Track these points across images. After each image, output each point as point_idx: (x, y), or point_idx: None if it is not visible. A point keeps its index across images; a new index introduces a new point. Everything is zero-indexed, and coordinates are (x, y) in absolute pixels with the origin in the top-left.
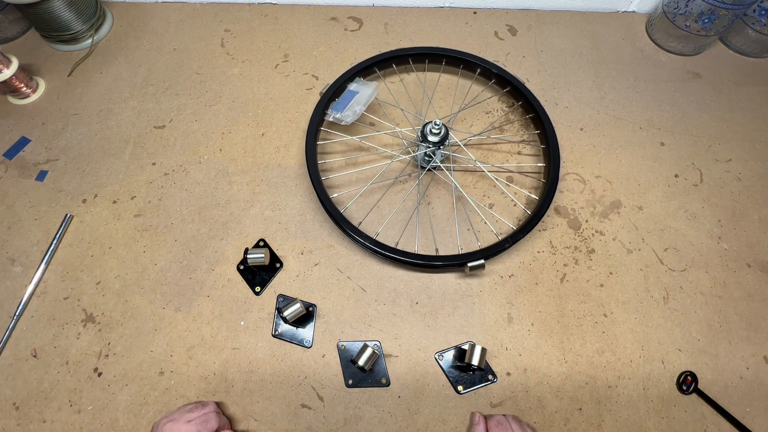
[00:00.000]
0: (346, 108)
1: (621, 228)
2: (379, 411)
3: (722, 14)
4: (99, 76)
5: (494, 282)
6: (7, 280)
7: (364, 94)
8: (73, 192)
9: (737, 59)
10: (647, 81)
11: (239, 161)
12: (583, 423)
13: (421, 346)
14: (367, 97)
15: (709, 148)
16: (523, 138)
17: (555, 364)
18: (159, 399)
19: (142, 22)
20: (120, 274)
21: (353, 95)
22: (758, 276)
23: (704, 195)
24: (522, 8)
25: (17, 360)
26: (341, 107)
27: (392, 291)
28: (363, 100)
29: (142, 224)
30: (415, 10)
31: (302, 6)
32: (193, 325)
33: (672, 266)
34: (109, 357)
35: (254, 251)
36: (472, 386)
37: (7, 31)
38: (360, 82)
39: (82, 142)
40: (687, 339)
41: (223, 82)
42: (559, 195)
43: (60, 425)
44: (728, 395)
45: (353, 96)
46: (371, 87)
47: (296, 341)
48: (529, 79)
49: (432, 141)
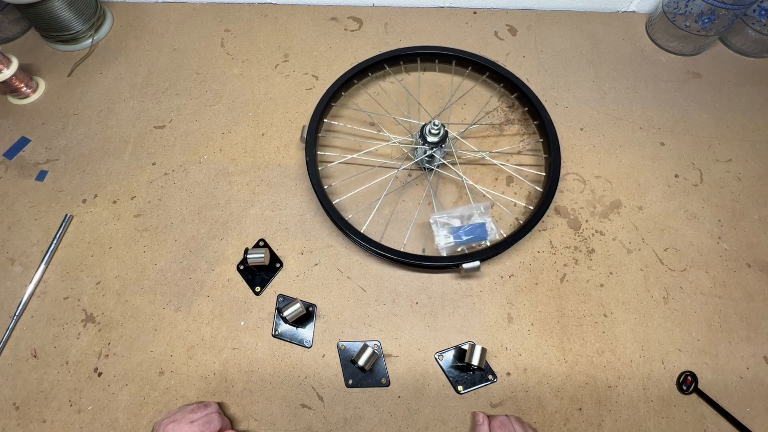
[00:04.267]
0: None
1: (621, 228)
2: (379, 411)
3: (722, 14)
4: (99, 76)
5: (494, 282)
6: (7, 280)
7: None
8: (73, 192)
9: (737, 59)
10: (647, 81)
11: (239, 161)
12: (583, 423)
13: (421, 346)
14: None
15: (709, 148)
16: (523, 139)
17: (555, 364)
18: (159, 399)
19: (142, 22)
20: (120, 274)
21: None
22: (758, 276)
23: (704, 195)
24: (522, 8)
25: (17, 360)
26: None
27: (392, 291)
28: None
29: (142, 224)
30: (415, 10)
31: (302, 6)
32: (193, 325)
33: (672, 266)
34: (109, 357)
35: (254, 251)
36: (472, 386)
37: (7, 31)
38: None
39: (82, 142)
40: (687, 339)
41: (223, 82)
42: (559, 195)
43: (60, 425)
44: (728, 395)
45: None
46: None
47: (296, 341)
48: (529, 79)
49: (432, 141)
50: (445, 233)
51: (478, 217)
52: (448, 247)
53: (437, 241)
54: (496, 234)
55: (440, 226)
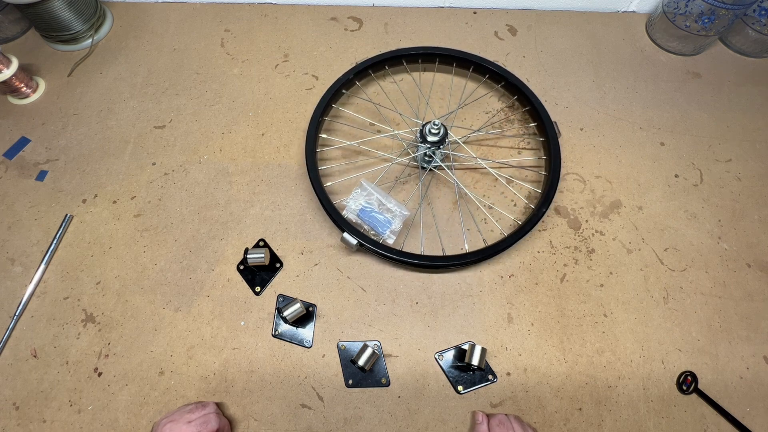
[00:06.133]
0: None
1: (621, 228)
2: (379, 411)
3: (722, 14)
4: (99, 76)
5: (494, 282)
6: (7, 280)
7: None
8: (73, 192)
9: (737, 59)
10: (647, 81)
11: (239, 161)
12: (583, 423)
13: (421, 346)
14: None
15: (709, 148)
16: (523, 136)
17: (555, 364)
18: (159, 399)
19: (142, 22)
20: (120, 274)
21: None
22: (758, 276)
23: (704, 195)
24: (522, 8)
25: (17, 360)
26: (382, 227)
27: (392, 291)
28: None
29: (142, 224)
30: (415, 10)
31: (302, 6)
32: (193, 325)
33: (672, 266)
34: (109, 357)
35: (254, 251)
36: (472, 386)
37: (7, 31)
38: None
39: (82, 142)
40: (687, 339)
41: (223, 82)
42: (559, 195)
43: (60, 425)
44: (728, 395)
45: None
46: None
47: (296, 341)
48: (529, 79)
49: (431, 141)
50: (360, 202)
51: (394, 216)
52: (351, 212)
53: (347, 201)
54: (392, 239)
55: (363, 193)
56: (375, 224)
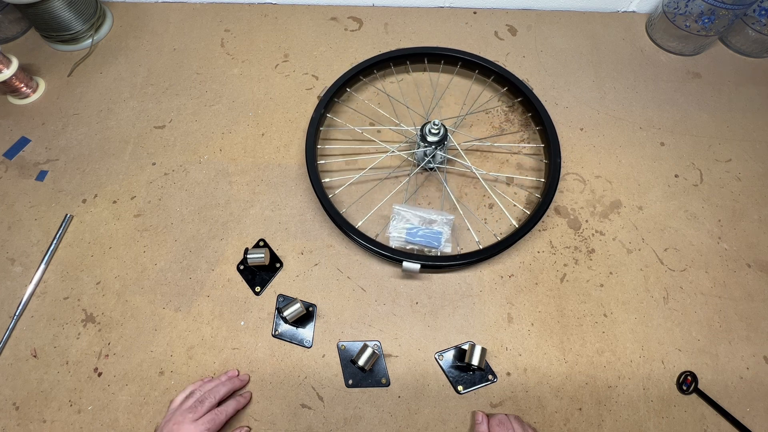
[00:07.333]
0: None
1: (621, 228)
2: (379, 411)
3: (722, 14)
4: (99, 76)
5: (494, 282)
6: (7, 280)
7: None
8: (73, 192)
9: (737, 59)
10: (647, 81)
11: (239, 161)
12: (583, 423)
13: (421, 346)
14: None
15: (709, 148)
16: (523, 139)
17: (555, 364)
18: (159, 399)
19: (142, 22)
20: (120, 274)
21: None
22: (758, 276)
23: (704, 195)
24: (522, 8)
25: (17, 360)
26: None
27: (392, 291)
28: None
29: (142, 224)
30: (415, 10)
31: (302, 6)
32: (193, 325)
33: (672, 266)
34: (109, 357)
35: (254, 251)
36: (472, 386)
37: (7, 31)
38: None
39: (82, 142)
40: (687, 339)
41: (223, 82)
42: (559, 195)
43: (60, 425)
44: (728, 395)
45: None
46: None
47: (296, 341)
48: (529, 79)
49: (431, 141)
50: (401, 226)
51: (439, 225)
52: (398, 240)
53: (390, 231)
54: (448, 247)
55: (400, 218)
56: (427, 241)
